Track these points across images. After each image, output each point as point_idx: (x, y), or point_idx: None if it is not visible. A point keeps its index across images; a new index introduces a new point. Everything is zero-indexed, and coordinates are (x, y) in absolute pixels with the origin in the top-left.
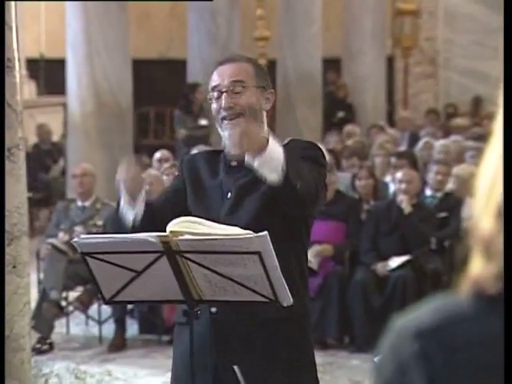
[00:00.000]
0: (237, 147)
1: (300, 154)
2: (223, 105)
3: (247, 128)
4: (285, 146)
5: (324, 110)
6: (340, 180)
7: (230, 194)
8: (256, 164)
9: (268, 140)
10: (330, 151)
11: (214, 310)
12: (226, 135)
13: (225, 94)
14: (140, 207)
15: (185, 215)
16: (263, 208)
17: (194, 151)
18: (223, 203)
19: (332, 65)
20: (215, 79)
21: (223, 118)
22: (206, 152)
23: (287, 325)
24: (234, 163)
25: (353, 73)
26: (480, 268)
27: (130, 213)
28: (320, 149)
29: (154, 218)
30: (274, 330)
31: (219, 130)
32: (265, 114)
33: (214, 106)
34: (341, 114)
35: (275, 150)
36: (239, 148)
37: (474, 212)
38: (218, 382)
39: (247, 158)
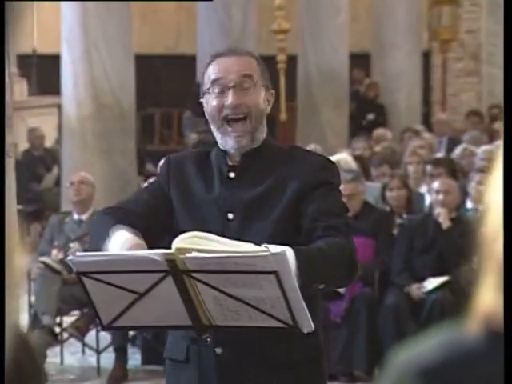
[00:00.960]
0: None
1: (311, 179)
2: (230, 101)
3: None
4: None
5: (351, 111)
6: (368, 191)
7: (231, 216)
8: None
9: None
10: (358, 158)
11: (219, 351)
12: (230, 144)
13: (232, 89)
14: None
15: (168, 233)
16: (276, 235)
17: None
18: (223, 226)
19: (360, 60)
20: (216, 71)
21: (225, 118)
22: (195, 154)
23: (301, 369)
24: (232, 174)
25: (384, 70)
26: (491, 299)
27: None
28: (330, 163)
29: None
30: (286, 376)
31: (215, 132)
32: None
33: (214, 103)
34: (370, 117)
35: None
36: None
37: (488, 232)
38: None
39: None
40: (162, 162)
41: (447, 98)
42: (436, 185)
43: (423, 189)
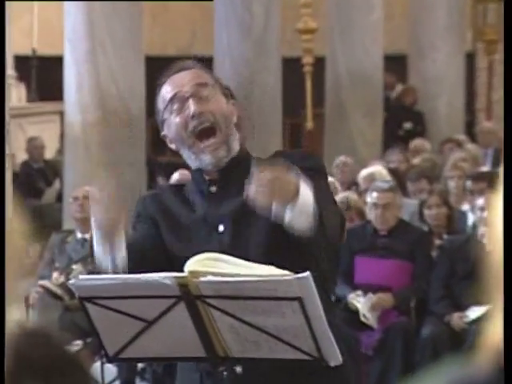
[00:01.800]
0: (265, 197)
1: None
2: (192, 110)
3: (279, 173)
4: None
5: (385, 119)
6: (405, 208)
7: (222, 227)
8: (288, 216)
9: (298, 183)
10: (392, 172)
11: (239, 370)
12: (206, 160)
13: (190, 98)
14: (120, 254)
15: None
16: (274, 235)
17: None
18: (215, 238)
19: (396, 63)
20: (169, 90)
21: (193, 132)
22: (167, 187)
23: (326, 378)
24: (213, 189)
25: (422, 73)
26: (502, 331)
27: (107, 262)
28: (313, 154)
29: (143, 259)
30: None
31: (187, 154)
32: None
33: (177, 120)
34: (407, 126)
35: (307, 193)
36: (268, 198)
37: (496, 257)
38: None
39: (275, 210)
40: (175, 174)
41: (493, 104)
42: (480, 201)
43: (465, 206)
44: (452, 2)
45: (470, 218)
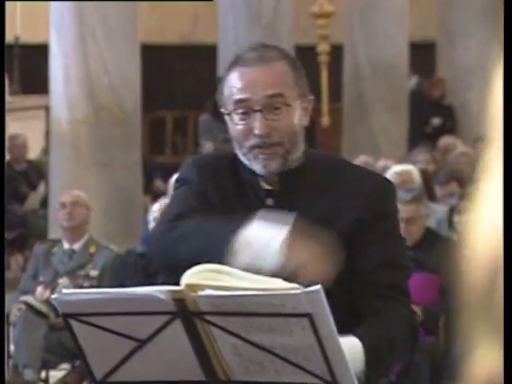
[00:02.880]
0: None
1: (367, 210)
2: (258, 130)
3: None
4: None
5: (411, 114)
6: (432, 214)
7: None
8: None
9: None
10: (419, 173)
11: None
12: (258, 169)
13: (259, 113)
14: None
15: None
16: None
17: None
18: None
19: (422, 52)
20: (240, 89)
21: (254, 147)
22: (227, 161)
23: None
24: (269, 201)
25: (453, 63)
26: (492, 359)
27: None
28: (388, 184)
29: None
30: None
31: (241, 156)
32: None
33: (240, 127)
34: (435, 121)
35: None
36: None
37: (484, 275)
38: None
39: None
40: (174, 176)
41: None
42: None
43: None
44: None
45: None
